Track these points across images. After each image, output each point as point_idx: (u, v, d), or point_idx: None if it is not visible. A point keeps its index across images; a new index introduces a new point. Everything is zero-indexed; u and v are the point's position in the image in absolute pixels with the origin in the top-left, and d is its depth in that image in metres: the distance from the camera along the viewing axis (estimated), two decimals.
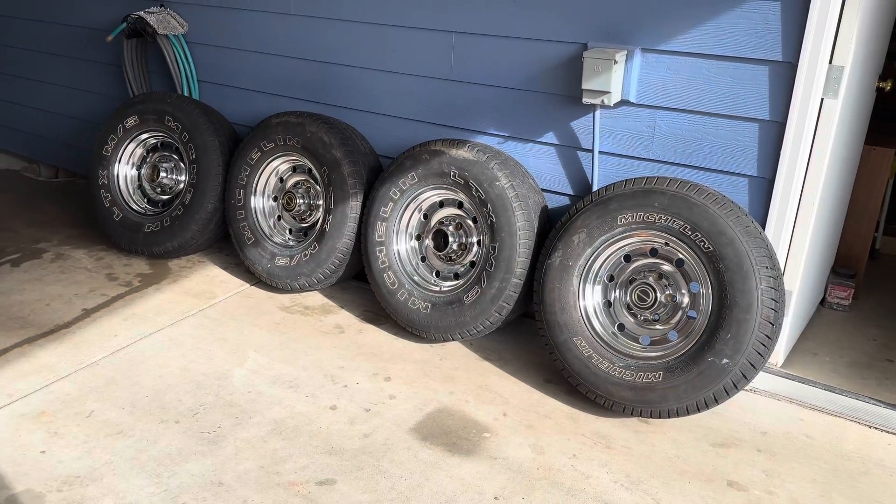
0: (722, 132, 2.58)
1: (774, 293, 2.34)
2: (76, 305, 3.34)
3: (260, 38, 3.65)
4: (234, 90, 3.85)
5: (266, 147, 3.39)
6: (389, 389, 2.79)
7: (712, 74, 2.54)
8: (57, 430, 2.52)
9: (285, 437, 2.52)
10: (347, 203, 3.18)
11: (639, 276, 2.63)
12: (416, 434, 2.54)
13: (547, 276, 2.68)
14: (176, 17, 3.88)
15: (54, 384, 2.77)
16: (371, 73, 3.35)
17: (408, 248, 3.11)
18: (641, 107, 2.71)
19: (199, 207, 3.54)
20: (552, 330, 2.66)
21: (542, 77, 2.88)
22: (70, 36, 4.39)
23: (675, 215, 2.44)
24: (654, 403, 2.47)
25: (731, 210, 2.40)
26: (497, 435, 2.54)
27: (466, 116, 3.14)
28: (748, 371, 2.36)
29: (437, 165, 2.94)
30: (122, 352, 2.99)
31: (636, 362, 2.53)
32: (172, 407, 2.66)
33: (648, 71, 2.65)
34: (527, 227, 2.78)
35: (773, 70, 2.43)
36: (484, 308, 2.84)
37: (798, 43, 2.36)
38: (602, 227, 2.58)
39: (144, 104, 3.70)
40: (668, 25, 2.57)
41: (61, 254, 3.85)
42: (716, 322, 2.39)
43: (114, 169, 3.77)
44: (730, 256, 2.35)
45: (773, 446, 2.51)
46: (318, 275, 3.27)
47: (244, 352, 3.02)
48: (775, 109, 2.47)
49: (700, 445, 2.51)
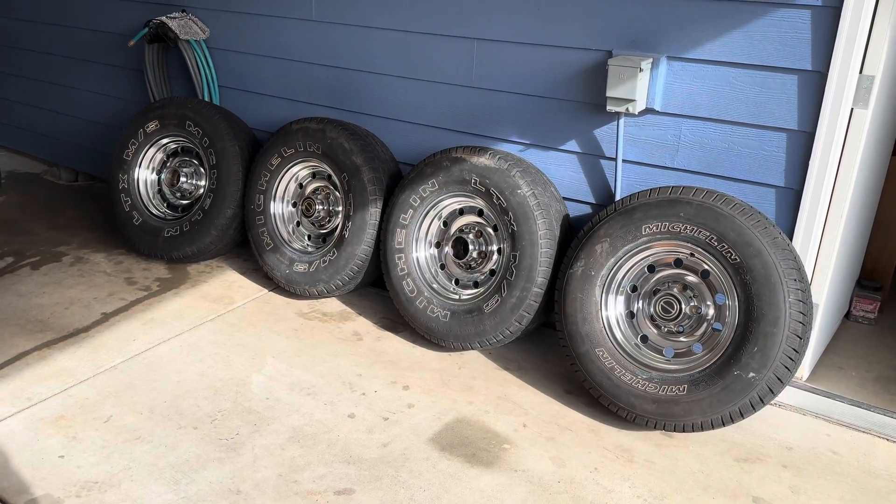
0: (749, 142, 2.55)
1: (802, 306, 2.30)
2: (95, 309, 3.34)
3: (281, 44, 3.65)
4: (254, 96, 3.85)
5: (286, 153, 3.38)
6: (408, 398, 2.76)
7: (740, 83, 2.51)
8: (75, 434, 2.52)
9: (303, 444, 2.50)
10: (367, 209, 3.16)
11: (663, 286, 2.59)
12: (435, 444, 2.51)
13: (569, 285, 2.64)
14: (197, 22, 3.89)
15: (73, 388, 2.77)
16: (392, 80, 3.33)
17: (427, 255, 3.08)
18: (666, 115, 2.68)
19: (219, 213, 3.54)
20: (574, 340, 2.63)
21: (566, 84, 2.85)
22: (92, 40, 4.42)
23: (701, 225, 2.41)
24: (679, 417, 2.42)
25: (758, 221, 2.36)
26: (517, 446, 2.51)
27: (487, 123, 3.11)
28: (775, 385, 2.32)
29: (457, 173, 2.91)
30: (141, 356, 2.99)
31: (660, 375, 2.49)
32: (190, 413, 2.65)
33: (674, 79, 2.62)
34: (548, 236, 2.75)
35: (803, 79, 2.39)
36: (504, 317, 2.81)
37: (828, 52, 2.32)
38: (626, 236, 2.55)
39: (165, 109, 3.71)
40: (695, 33, 2.54)
41: (80, 257, 3.87)
42: (742, 335, 2.35)
43: (134, 173, 3.78)
44: (757, 268, 2.31)
45: (799, 462, 2.46)
46: (336, 281, 3.26)
47: (262, 358, 3.00)
48: (804, 119, 2.42)
49: (724, 460, 2.46)
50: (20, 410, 2.62)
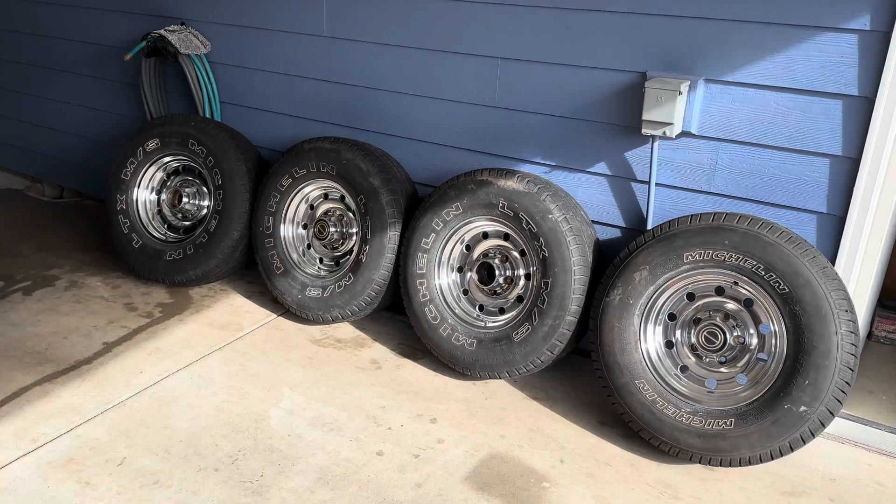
0: (790, 167, 2.49)
1: (853, 337, 2.24)
2: (96, 339, 3.17)
3: (288, 60, 3.51)
4: (258, 112, 3.71)
5: (298, 173, 3.25)
6: (436, 432, 2.65)
7: (781, 107, 2.44)
8: (88, 479, 2.36)
9: (333, 486, 2.37)
10: (385, 233, 3.04)
11: (704, 315, 2.52)
12: (471, 483, 2.40)
13: (605, 314, 2.56)
14: (198, 35, 3.74)
15: (81, 427, 2.60)
16: (408, 98, 3.22)
17: (450, 281, 2.98)
18: (703, 139, 2.61)
19: (225, 235, 3.39)
20: (611, 372, 2.54)
21: (595, 106, 2.77)
22: (83, 52, 4.23)
23: (746, 254, 2.34)
24: (725, 452, 2.35)
25: (806, 250, 2.30)
26: (557, 485, 2.41)
27: (511, 144, 3.02)
28: (825, 419, 2.26)
29: (483, 196, 2.81)
30: (150, 390, 2.83)
31: (704, 408, 2.41)
32: (209, 452, 2.50)
33: (711, 102, 2.55)
34: (581, 263, 2.66)
35: (848, 104, 2.34)
36: (535, 346, 2.71)
37: (876, 77, 2.27)
38: (666, 264, 2.47)
39: (166, 126, 3.55)
40: (735, 56, 2.47)
41: (75, 281, 3.68)
42: (792, 367, 2.28)
43: (133, 194, 3.61)
44: (807, 299, 2.25)
45: (845, 495, 2.40)
46: (352, 307, 3.13)
47: (279, 389, 2.86)
48: (849, 145, 2.37)
49: (770, 494, 2.39)
50: (26, 453, 2.46)
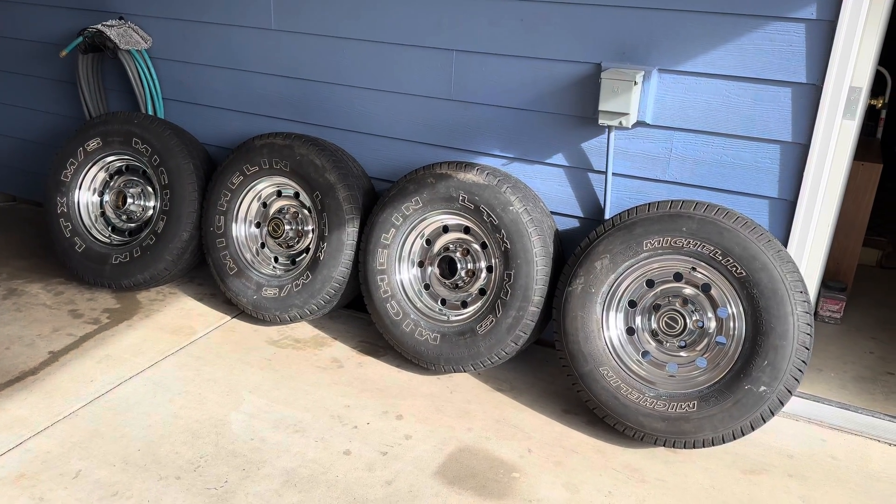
0: (742, 154, 2.55)
1: (808, 318, 2.31)
2: (41, 348, 3.03)
3: (235, 54, 3.42)
4: (205, 109, 3.60)
5: (249, 170, 3.17)
6: (403, 429, 2.63)
7: (733, 96, 2.50)
8: (42, 495, 2.25)
9: (301, 488, 2.33)
10: (343, 230, 3.00)
11: (663, 301, 2.56)
12: (441, 478, 2.39)
13: (568, 303, 2.58)
14: (138, 30, 3.60)
15: (31, 441, 2.48)
16: (362, 92, 3.18)
17: (411, 276, 2.95)
18: (658, 128, 2.65)
19: (174, 236, 3.28)
20: (576, 360, 2.56)
21: (552, 97, 2.78)
22: (16, 50, 4.02)
23: (704, 240, 2.39)
24: (689, 434, 2.40)
25: (761, 234, 2.36)
26: (526, 474, 2.42)
27: (467, 137, 3.01)
28: (784, 397, 2.32)
29: (443, 190, 2.80)
30: (102, 399, 2.72)
31: (667, 392, 2.46)
32: (169, 461, 2.42)
33: (665, 92, 2.60)
34: (543, 254, 2.68)
35: (797, 92, 2.41)
36: (500, 338, 2.71)
37: (823, 64, 2.34)
38: (626, 252, 2.50)
39: (108, 125, 3.41)
40: (687, 46, 2.52)
41: (14, 289, 3.51)
42: (751, 349, 2.34)
43: (74, 196, 3.46)
44: (764, 282, 2.31)
45: (803, 470, 2.48)
46: (311, 305, 3.08)
47: (238, 393, 2.79)
48: (798, 131, 2.44)
49: (732, 473, 2.45)
50: None
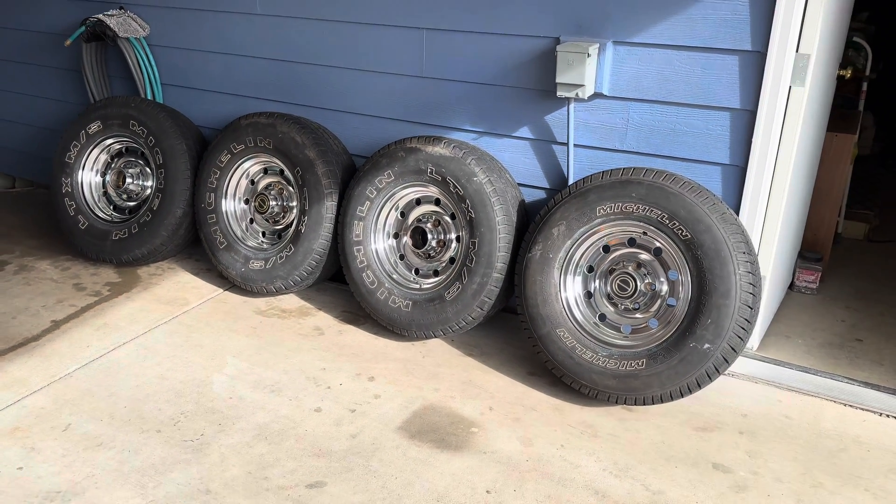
0: (694, 122, 2.63)
1: (752, 277, 2.39)
2: (44, 317, 3.24)
3: (225, 39, 3.59)
4: (199, 93, 3.78)
5: (236, 149, 3.34)
6: (374, 389, 2.77)
7: (683, 65, 2.58)
8: (33, 445, 2.45)
9: (271, 441, 2.49)
10: (323, 203, 3.15)
11: (618, 266, 2.66)
12: (403, 432, 2.53)
13: (528, 269, 2.69)
14: (136, 19, 3.79)
15: (27, 398, 2.69)
16: (341, 72, 3.32)
17: (386, 246, 3.09)
18: (615, 99, 2.74)
19: (168, 213, 3.47)
20: (535, 323, 2.67)
21: (516, 72, 2.89)
22: (24, 40, 4.26)
23: (652, 205, 2.48)
24: (638, 391, 2.50)
25: (706, 198, 2.44)
26: (484, 429, 2.55)
27: (440, 113, 3.13)
28: (729, 355, 2.41)
29: (413, 163, 2.93)
30: (96, 362, 2.92)
31: (619, 351, 2.56)
32: (152, 416, 2.60)
33: (620, 63, 2.69)
34: (506, 222, 2.79)
35: (743, 59, 2.48)
36: (466, 304, 2.84)
37: (766, 32, 2.41)
38: (581, 218, 2.61)
39: (107, 109, 3.61)
40: (639, 18, 2.60)
41: (25, 265, 3.74)
42: (696, 308, 2.43)
43: (77, 176, 3.67)
44: (707, 243, 2.40)
45: (754, 428, 2.57)
46: (294, 277, 3.24)
47: (222, 357, 2.97)
48: (746, 98, 2.52)
49: (684, 430, 2.55)
50: None
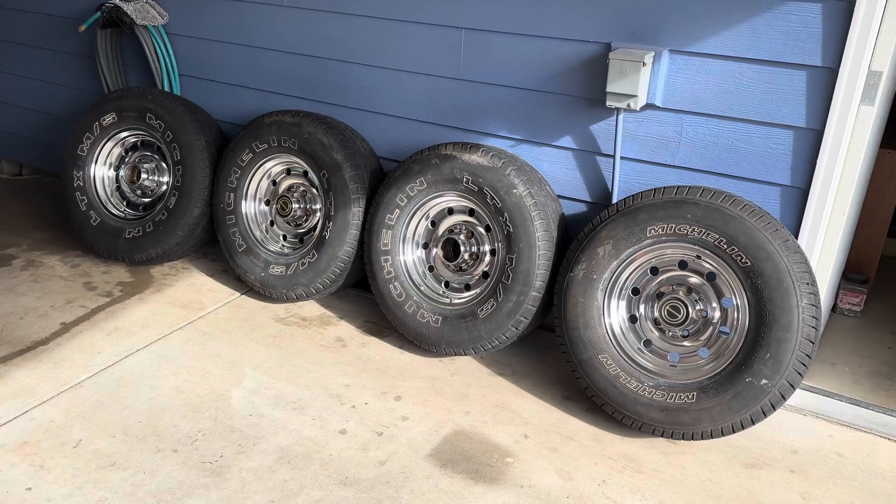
0: (754, 139, 2.47)
1: (814, 310, 2.24)
2: (53, 319, 3.09)
3: (248, 31, 3.42)
4: (218, 85, 3.61)
5: (258, 148, 3.17)
6: (401, 410, 2.63)
7: (745, 79, 2.42)
8: (42, 462, 2.30)
9: (294, 465, 2.34)
10: (349, 209, 2.99)
11: (667, 289, 2.50)
12: (434, 460, 2.39)
13: (569, 289, 2.54)
14: (155, 6, 3.62)
15: (36, 409, 2.54)
16: (372, 71, 3.15)
17: (415, 257, 2.94)
18: (668, 111, 2.58)
19: (185, 212, 3.31)
20: (575, 347, 2.52)
21: (560, 78, 2.72)
22: (38, 24, 4.08)
23: (709, 228, 2.32)
24: (687, 426, 2.35)
25: (769, 223, 2.28)
26: (520, 460, 2.40)
27: (475, 118, 2.97)
28: (786, 391, 2.26)
29: (448, 171, 2.77)
30: (108, 371, 2.77)
31: (666, 381, 2.41)
32: (168, 433, 2.46)
33: (676, 73, 2.52)
34: (546, 238, 2.63)
35: (811, 75, 2.32)
36: (500, 322, 2.69)
37: (839, 48, 2.25)
38: (629, 238, 2.45)
39: (123, 100, 3.44)
40: (699, 26, 2.43)
41: (32, 260, 3.59)
42: (753, 340, 2.28)
43: (90, 170, 3.51)
44: (769, 272, 2.24)
45: (806, 466, 2.42)
46: (316, 284, 3.08)
47: (241, 369, 2.82)
48: (812, 116, 2.35)
49: (732, 467, 2.41)
50: None
